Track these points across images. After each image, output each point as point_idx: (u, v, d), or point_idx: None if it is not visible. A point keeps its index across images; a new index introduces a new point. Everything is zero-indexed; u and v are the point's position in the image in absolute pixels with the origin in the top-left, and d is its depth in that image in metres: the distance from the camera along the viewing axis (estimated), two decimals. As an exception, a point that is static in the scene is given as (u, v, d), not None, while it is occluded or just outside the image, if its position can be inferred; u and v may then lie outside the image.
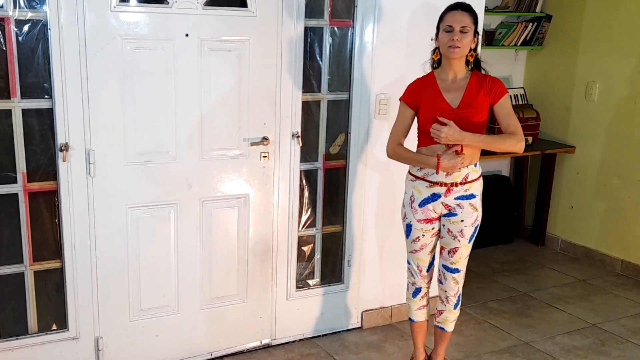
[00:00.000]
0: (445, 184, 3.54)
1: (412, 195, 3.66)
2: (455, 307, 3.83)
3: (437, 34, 3.52)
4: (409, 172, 3.70)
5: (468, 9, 3.45)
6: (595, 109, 6.03)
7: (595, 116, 6.04)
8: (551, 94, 6.41)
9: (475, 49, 3.53)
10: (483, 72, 3.60)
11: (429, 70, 3.66)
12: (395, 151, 3.70)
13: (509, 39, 6.25)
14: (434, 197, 3.58)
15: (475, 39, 3.50)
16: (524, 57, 6.64)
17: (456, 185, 3.54)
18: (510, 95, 6.11)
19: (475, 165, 3.58)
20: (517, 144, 3.49)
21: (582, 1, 6.03)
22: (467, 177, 3.54)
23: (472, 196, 3.58)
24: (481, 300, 5.24)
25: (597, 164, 6.05)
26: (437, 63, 3.61)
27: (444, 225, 3.67)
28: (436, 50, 3.57)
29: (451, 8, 3.47)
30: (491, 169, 6.58)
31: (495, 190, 6.35)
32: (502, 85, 3.54)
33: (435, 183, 3.56)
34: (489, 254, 6.27)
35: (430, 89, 3.55)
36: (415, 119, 3.64)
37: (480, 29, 4.49)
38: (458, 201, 3.57)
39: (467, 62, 3.54)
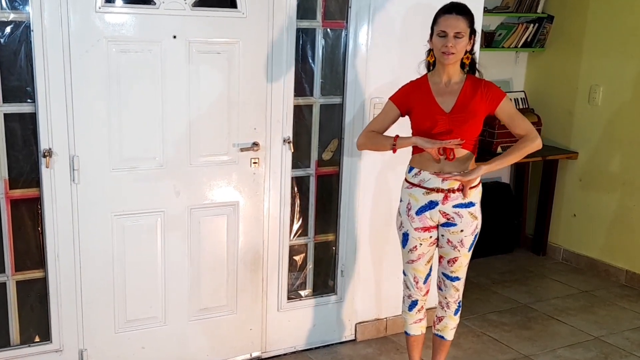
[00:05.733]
0: (442, 190, 3.57)
1: (408, 203, 3.70)
2: (455, 314, 3.88)
3: (431, 36, 3.54)
4: (405, 179, 3.74)
5: (463, 11, 3.45)
6: (598, 113, 6.10)
7: (598, 121, 6.11)
8: (553, 97, 6.48)
9: (471, 51, 3.56)
10: (478, 74, 3.65)
11: (424, 71, 3.71)
12: (366, 136, 3.73)
13: (509, 41, 6.32)
14: (431, 204, 3.62)
15: (471, 41, 3.52)
16: (525, 60, 6.71)
17: (453, 191, 3.57)
18: (511, 99, 6.21)
19: None
20: (534, 142, 3.54)
21: (585, 1, 6.10)
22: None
23: (470, 204, 3.61)
24: (480, 311, 5.31)
25: (601, 171, 6.12)
26: (432, 65, 3.64)
27: (442, 235, 3.71)
28: (431, 52, 3.60)
29: (445, 11, 3.47)
30: (491, 176, 6.63)
31: (495, 197, 6.40)
32: (498, 89, 3.58)
33: (432, 190, 3.59)
34: (488, 263, 6.32)
35: (422, 93, 3.59)
36: (410, 124, 3.70)
37: (478, 29, 4.56)
38: (457, 209, 3.60)
39: (463, 65, 3.58)
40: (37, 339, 3.83)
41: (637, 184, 5.83)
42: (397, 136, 3.59)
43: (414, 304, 3.89)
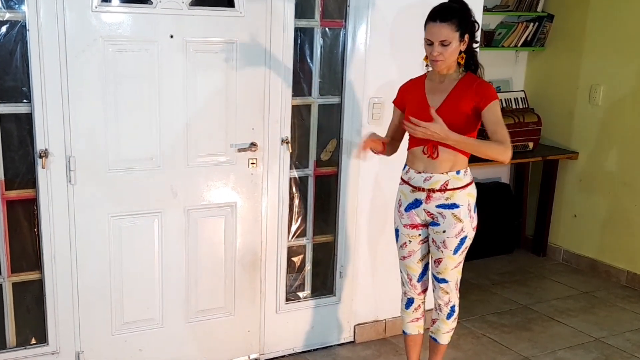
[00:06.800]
0: (424, 189, 3.60)
1: (399, 199, 3.76)
2: (448, 318, 3.86)
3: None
4: (401, 176, 3.78)
5: (448, 16, 3.40)
6: (599, 113, 6.11)
7: (599, 120, 6.12)
8: (553, 97, 6.49)
9: (466, 50, 3.53)
10: (480, 70, 3.64)
11: (430, 68, 3.71)
12: None
13: (509, 40, 6.33)
14: (417, 203, 3.66)
15: (464, 41, 3.48)
16: (525, 59, 6.72)
17: (434, 191, 3.58)
18: (510, 99, 6.27)
19: (458, 172, 3.59)
20: (504, 152, 3.40)
21: (585, 0, 6.11)
22: (446, 184, 3.57)
23: (454, 206, 3.59)
24: (480, 313, 5.32)
25: (602, 171, 6.13)
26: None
27: (429, 234, 3.74)
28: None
29: (430, 18, 3.45)
30: (490, 176, 6.66)
31: (494, 198, 6.42)
32: (492, 90, 3.52)
33: (416, 188, 3.63)
34: (488, 264, 6.34)
35: (417, 90, 3.63)
36: None
37: (479, 27, 4.56)
38: (440, 210, 3.61)
39: (459, 64, 3.57)
40: (33, 341, 3.83)
41: (638, 184, 5.84)
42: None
43: (410, 302, 3.92)
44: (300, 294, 4.55)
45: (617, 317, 5.36)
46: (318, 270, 4.61)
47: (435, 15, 3.43)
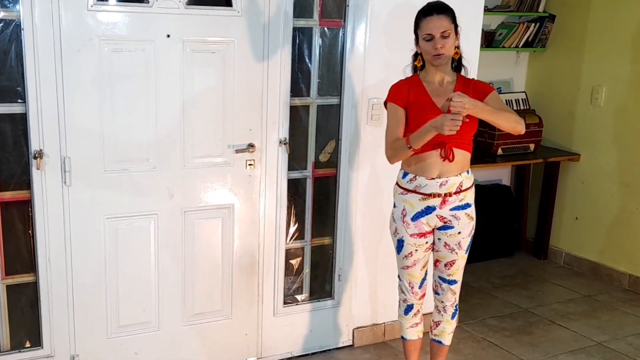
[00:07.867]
0: (440, 195, 3.57)
1: (403, 209, 3.68)
2: (452, 317, 3.89)
3: (416, 40, 3.55)
4: (397, 185, 3.73)
5: (442, 10, 3.45)
6: (601, 114, 6.10)
7: (601, 122, 6.11)
8: (554, 98, 6.48)
9: (458, 46, 3.57)
10: (463, 70, 3.66)
11: (410, 74, 3.71)
12: (391, 147, 3.58)
13: (509, 40, 6.32)
14: (428, 210, 3.62)
15: (457, 36, 3.52)
16: (526, 60, 6.71)
17: (450, 195, 3.58)
18: (511, 100, 6.27)
19: (468, 172, 3.63)
20: (520, 122, 3.47)
21: (587, 0, 6.11)
22: (461, 186, 3.58)
23: (467, 205, 3.63)
24: (480, 316, 5.30)
25: (604, 173, 6.12)
26: (419, 69, 3.64)
27: (439, 238, 3.71)
28: (418, 57, 3.60)
29: (425, 13, 3.47)
30: (491, 178, 6.65)
31: (495, 200, 6.42)
32: (489, 85, 3.61)
33: (429, 195, 3.58)
34: (488, 267, 6.33)
35: (418, 93, 3.56)
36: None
37: (479, 28, 4.58)
38: (454, 212, 3.61)
39: (452, 60, 3.59)
40: (27, 345, 3.82)
41: (640, 186, 5.85)
42: (408, 137, 3.48)
43: (409, 307, 3.90)
44: (299, 297, 4.54)
45: (619, 320, 5.35)
46: (316, 273, 4.60)
47: (432, 10, 3.46)
